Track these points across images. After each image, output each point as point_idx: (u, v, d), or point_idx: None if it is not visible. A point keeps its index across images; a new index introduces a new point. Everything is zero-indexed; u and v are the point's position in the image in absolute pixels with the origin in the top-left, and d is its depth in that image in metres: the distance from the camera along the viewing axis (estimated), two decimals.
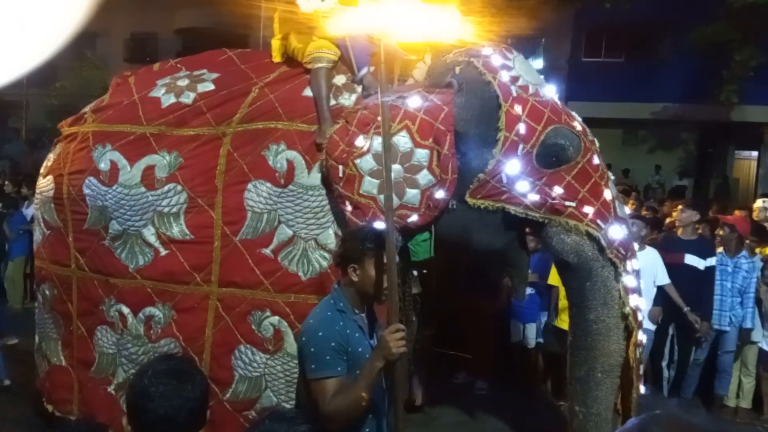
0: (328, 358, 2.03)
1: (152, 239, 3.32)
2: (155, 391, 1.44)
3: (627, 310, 3.05)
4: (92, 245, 3.45)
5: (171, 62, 3.95)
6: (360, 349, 2.10)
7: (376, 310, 2.29)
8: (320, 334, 2.07)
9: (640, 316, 3.16)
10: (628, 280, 3.08)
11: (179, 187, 3.30)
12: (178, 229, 3.29)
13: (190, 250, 3.29)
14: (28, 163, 11.16)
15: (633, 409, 3.13)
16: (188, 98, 3.51)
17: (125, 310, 3.38)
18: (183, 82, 3.61)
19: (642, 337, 3.19)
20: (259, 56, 3.86)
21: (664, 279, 4.61)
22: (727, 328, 4.81)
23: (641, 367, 3.24)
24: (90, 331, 3.48)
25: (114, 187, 3.38)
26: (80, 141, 3.60)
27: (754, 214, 6.48)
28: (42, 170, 3.80)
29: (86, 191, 3.44)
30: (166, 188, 3.30)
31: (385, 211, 2.23)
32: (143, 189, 3.33)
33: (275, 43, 3.67)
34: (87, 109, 3.81)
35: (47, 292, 3.69)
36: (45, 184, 3.67)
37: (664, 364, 4.92)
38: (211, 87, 3.56)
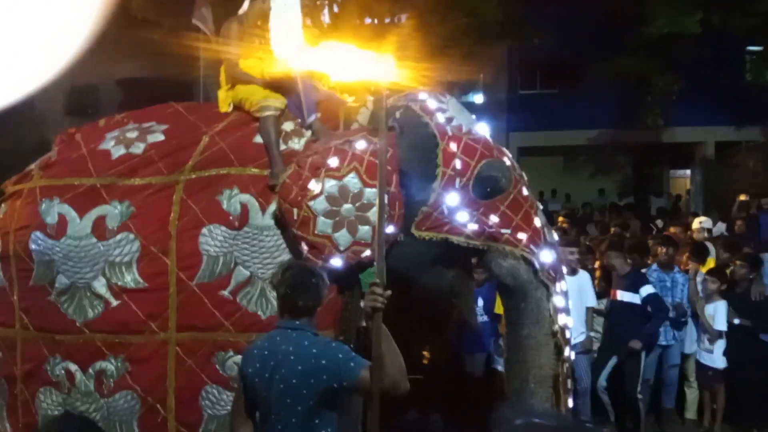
0: (353, 354, 2.26)
1: (102, 290, 3.29)
2: None
3: (556, 327, 3.30)
4: (37, 302, 3.37)
5: (117, 117, 4.00)
6: None
7: None
8: (333, 345, 2.31)
9: (567, 334, 3.41)
10: (558, 300, 3.33)
11: (131, 236, 3.31)
12: (130, 278, 3.29)
13: (144, 298, 3.28)
14: None
15: None
16: (138, 149, 3.56)
17: (72, 367, 3.30)
18: (132, 134, 3.66)
19: (569, 353, 3.44)
20: (206, 107, 3.99)
21: (591, 301, 4.85)
22: (672, 342, 5.01)
23: (569, 382, 3.47)
24: (33, 394, 3.37)
25: (62, 240, 3.35)
26: (26, 197, 3.56)
27: (693, 234, 6.81)
28: None
29: (32, 246, 3.38)
30: (118, 237, 3.31)
31: (377, 237, 2.42)
32: (94, 240, 3.32)
33: (222, 94, 3.81)
34: (33, 166, 3.78)
35: None
36: None
37: (602, 388, 4.92)
38: (162, 137, 3.62)
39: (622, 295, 4.88)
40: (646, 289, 4.81)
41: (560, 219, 8.47)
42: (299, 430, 2.21)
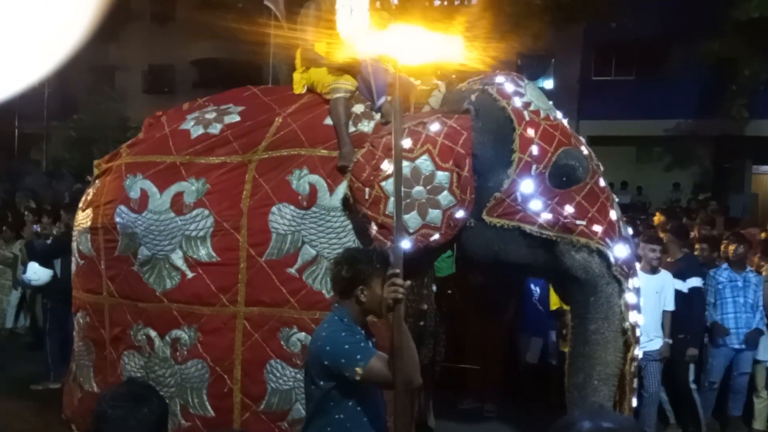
0: (363, 345, 2.18)
1: (180, 263, 3.46)
2: (112, 413, 1.51)
3: (626, 325, 3.18)
4: (122, 271, 3.59)
5: (200, 100, 4.17)
6: None
7: (371, 329, 2.42)
8: (343, 334, 2.20)
9: (637, 332, 3.29)
10: (630, 297, 3.21)
11: (206, 212, 3.45)
12: (205, 252, 3.43)
13: (217, 271, 3.42)
14: (48, 195, 11.39)
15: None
16: (215, 129, 3.70)
17: (152, 333, 3.50)
18: (210, 115, 3.81)
19: (638, 352, 3.31)
20: (281, 90, 4.10)
21: (669, 305, 4.58)
22: (744, 347, 4.70)
23: (635, 381, 3.35)
24: (118, 356, 3.61)
25: (144, 214, 3.54)
26: (114, 173, 3.80)
27: None
28: (81, 204, 3.98)
29: (117, 219, 3.60)
30: (194, 213, 3.46)
31: (395, 228, 2.32)
32: (172, 214, 3.49)
33: (296, 77, 3.88)
34: (123, 146, 4.01)
35: (81, 320, 3.82)
36: (83, 217, 3.85)
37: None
38: (237, 118, 3.74)
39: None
40: (693, 281, 4.66)
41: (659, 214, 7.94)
42: (316, 409, 2.26)
